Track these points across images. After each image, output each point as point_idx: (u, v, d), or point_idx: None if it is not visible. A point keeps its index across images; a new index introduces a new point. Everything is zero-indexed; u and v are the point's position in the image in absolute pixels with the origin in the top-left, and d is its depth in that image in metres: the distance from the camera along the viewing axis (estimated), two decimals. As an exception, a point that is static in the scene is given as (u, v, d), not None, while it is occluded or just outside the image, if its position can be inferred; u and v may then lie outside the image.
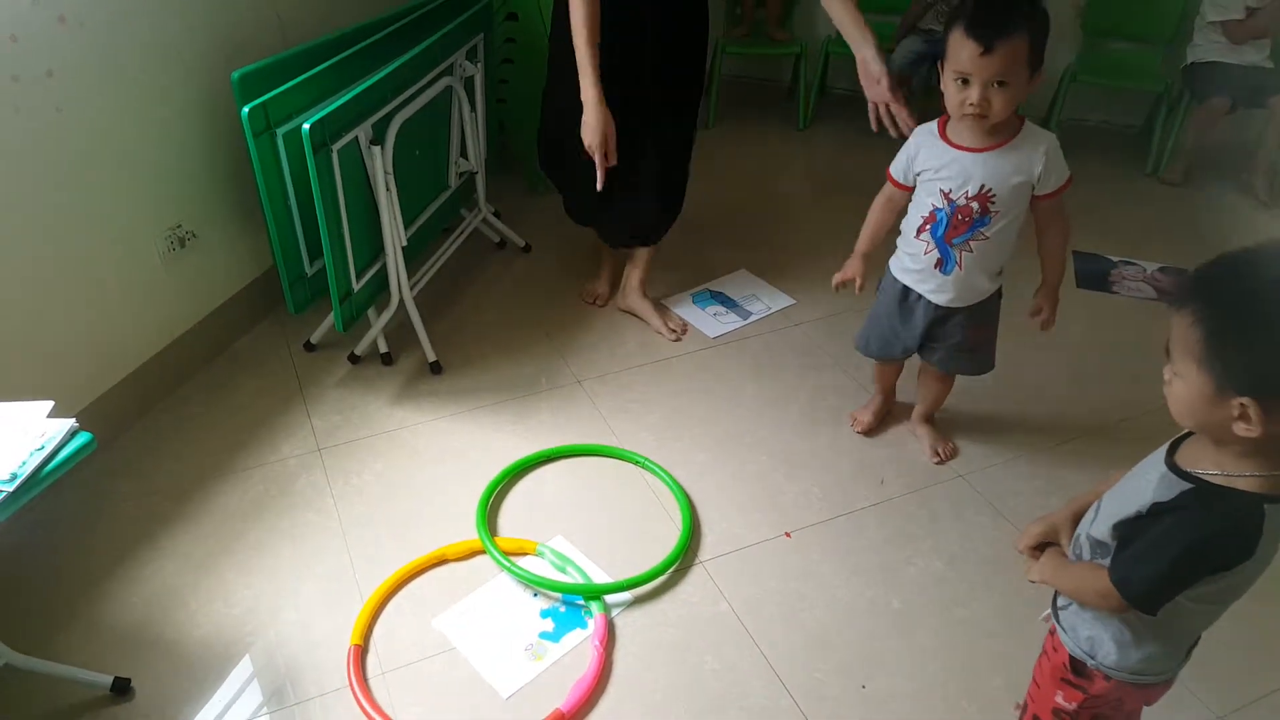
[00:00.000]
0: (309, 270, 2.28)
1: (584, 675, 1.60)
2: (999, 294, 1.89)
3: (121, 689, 1.57)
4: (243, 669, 1.64)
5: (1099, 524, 1.08)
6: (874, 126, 1.90)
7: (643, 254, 2.58)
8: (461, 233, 2.76)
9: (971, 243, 1.75)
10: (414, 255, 2.47)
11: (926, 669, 1.66)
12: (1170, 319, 0.93)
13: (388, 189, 2.19)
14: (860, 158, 3.63)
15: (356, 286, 2.24)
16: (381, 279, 2.35)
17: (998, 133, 1.66)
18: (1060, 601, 1.19)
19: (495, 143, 3.07)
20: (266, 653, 1.67)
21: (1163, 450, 1.03)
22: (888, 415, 2.25)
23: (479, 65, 2.62)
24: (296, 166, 2.07)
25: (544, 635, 1.71)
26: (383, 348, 2.42)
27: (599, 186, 2.15)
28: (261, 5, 2.34)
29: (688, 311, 2.67)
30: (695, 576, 1.83)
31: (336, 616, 1.73)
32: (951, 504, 2.02)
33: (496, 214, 2.93)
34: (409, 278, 2.39)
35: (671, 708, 1.58)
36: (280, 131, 2.04)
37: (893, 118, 1.88)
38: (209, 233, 2.31)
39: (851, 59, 1.92)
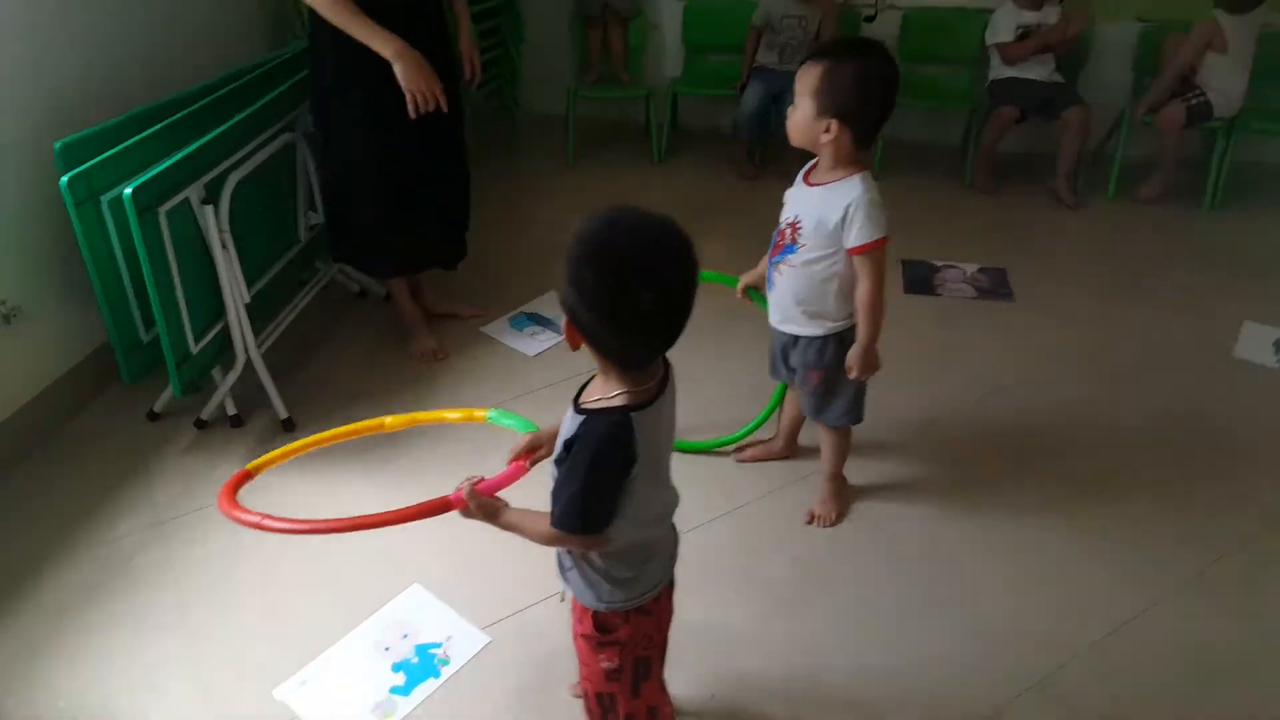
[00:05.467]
0: (145, 337, 2.22)
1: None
2: (839, 348, 1.84)
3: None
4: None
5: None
6: None
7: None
8: (315, 285, 2.74)
9: (782, 265, 1.82)
10: (265, 311, 2.45)
11: (771, 672, 1.72)
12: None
13: (225, 247, 2.17)
14: (713, 185, 3.79)
15: (195, 349, 2.19)
16: (225, 338, 2.31)
17: (827, 174, 1.73)
18: (566, 564, 1.30)
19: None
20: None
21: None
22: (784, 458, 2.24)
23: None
24: (124, 233, 2.02)
25: (395, 690, 1.69)
26: (231, 410, 2.36)
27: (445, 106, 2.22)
28: (89, 75, 2.30)
29: (506, 336, 2.76)
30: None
31: (167, 700, 1.67)
32: (793, 507, 2.10)
33: (354, 265, 2.92)
34: (260, 334, 2.36)
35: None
36: (105, 199, 2.00)
37: None
38: (36, 306, 2.22)
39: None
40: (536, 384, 2.54)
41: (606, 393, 1.16)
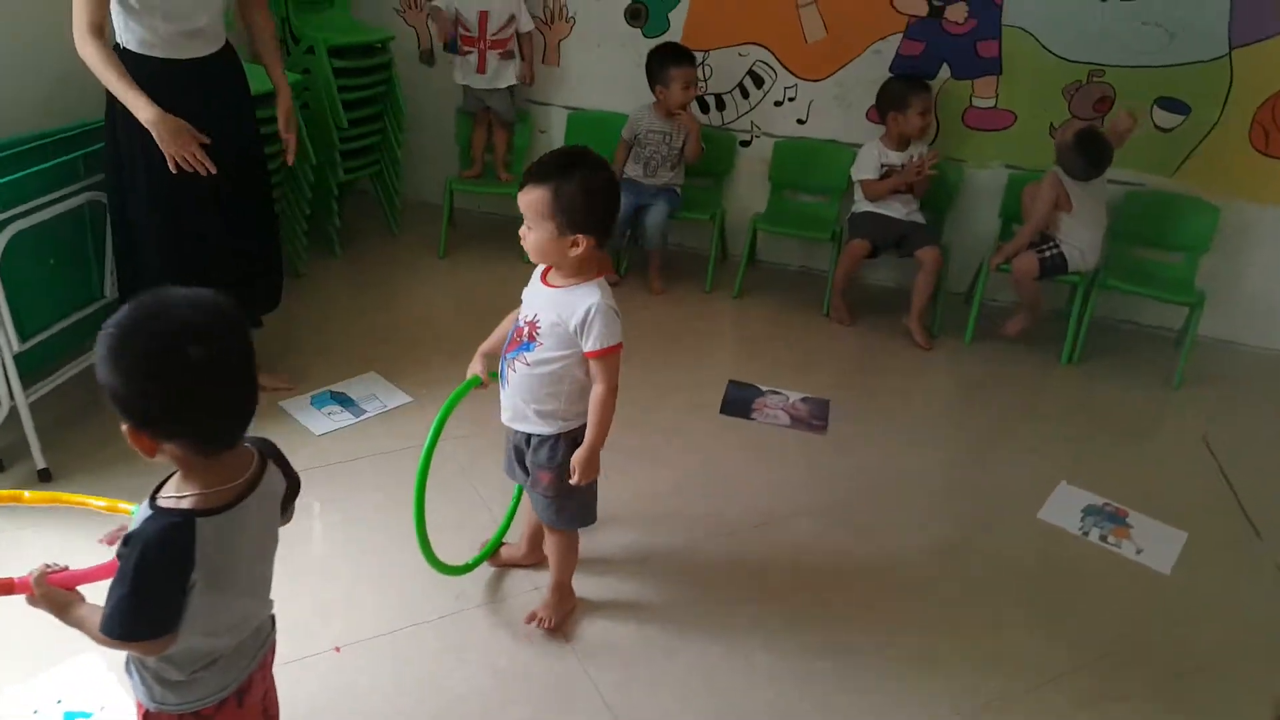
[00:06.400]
0: (-102, 373, 2.23)
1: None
2: (570, 447, 1.84)
3: None
4: None
5: None
6: None
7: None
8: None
9: (516, 362, 1.83)
10: (51, 361, 2.48)
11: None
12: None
13: (-10, 293, 2.21)
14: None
15: (-56, 390, 2.20)
16: (-10, 383, 2.32)
17: (568, 279, 1.78)
18: (127, 656, 1.23)
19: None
20: None
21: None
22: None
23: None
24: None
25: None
26: (-8, 454, 2.35)
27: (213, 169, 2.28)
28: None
29: (302, 412, 2.75)
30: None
31: None
32: (517, 615, 2.06)
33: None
34: (38, 383, 2.38)
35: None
36: None
37: None
38: None
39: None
40: (311, 463, 2.50)
41: (178, 491, 1.12)
